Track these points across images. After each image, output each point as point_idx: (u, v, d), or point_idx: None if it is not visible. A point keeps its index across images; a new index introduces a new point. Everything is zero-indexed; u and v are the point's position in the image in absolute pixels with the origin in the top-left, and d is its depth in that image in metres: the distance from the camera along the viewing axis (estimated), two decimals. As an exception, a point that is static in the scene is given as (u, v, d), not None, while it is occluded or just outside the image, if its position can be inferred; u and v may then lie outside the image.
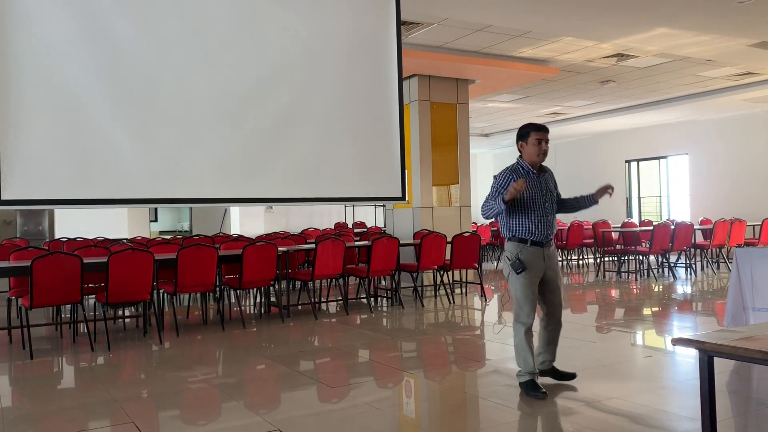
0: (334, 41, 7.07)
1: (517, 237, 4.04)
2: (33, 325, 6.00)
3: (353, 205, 16.53)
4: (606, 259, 11.76)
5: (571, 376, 4.23)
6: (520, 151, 4.15)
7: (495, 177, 4.14)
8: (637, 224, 13.51)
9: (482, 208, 4.15)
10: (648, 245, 10.26)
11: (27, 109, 5.61)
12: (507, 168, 4.13)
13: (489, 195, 4.09)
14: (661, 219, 15.87)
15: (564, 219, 14.90)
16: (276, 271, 6.94)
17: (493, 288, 9.61)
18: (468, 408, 3.98)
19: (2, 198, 5.50)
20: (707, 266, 11.49)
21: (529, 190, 4.02)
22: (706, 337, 2.35)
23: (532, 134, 4.06)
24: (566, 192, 4.36)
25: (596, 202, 4.25)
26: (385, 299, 8.46)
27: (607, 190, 4.20)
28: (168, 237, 11.49)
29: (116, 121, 5.97)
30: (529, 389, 3.97)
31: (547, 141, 4.11)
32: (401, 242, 7.89)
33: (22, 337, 5.73)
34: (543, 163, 4.20)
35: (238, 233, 11.78)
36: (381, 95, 7.37)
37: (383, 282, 9.11)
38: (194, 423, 3.82)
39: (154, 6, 6.18)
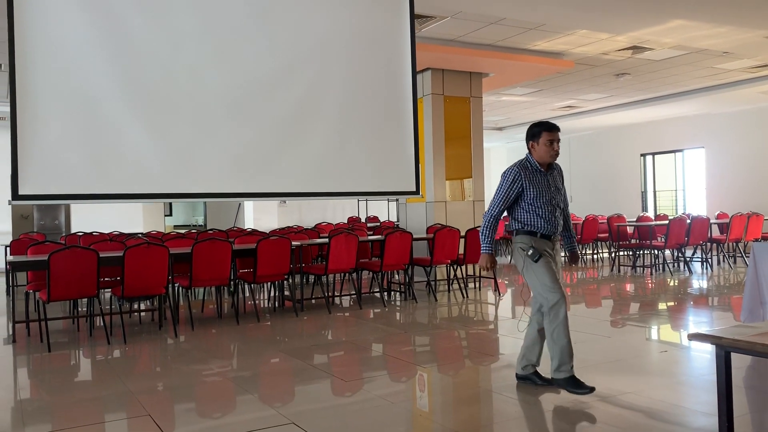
0: (347, 35, 7.06)
1: (527, 230, 3.98)
2: (50, 318, 6.08)
3: (366, 200, 16.53)
4: (621, 253, 11.68)
5: (551, 382, 3.98)
6: (530, 150, 4.04)
7: (503, 174, 4.00)
8: (653, 218, 13.40)
9: (485, 217, 4.04)
10: (663, 239, 10.18)
11: (42, 105, 5.66)
12: (516, 163, 4.02)
13: (497, 193, 3.98)
14: (676, 213, 15.72)
15: (578, 213, 14.82)
16: (290, 266, 6.96)
17: (506, 282, 9.58)
18: (481, 402, 3.97)
19: (19, 193, 5.57)
20: (723, 261, 11.38)
21: (536, 188, 3.94)
22: (722, 332, 2.34)
23: (544, 134, 3.94)
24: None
25: (569, 254, 4.35)
26: (398, 293, 8.46)
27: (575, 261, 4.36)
28: (183, 231, 11.55)
29: (131, 116, 6.02)
30: (573, 386, 3.79)
31: (558, 141, 4.01)
32: (414, 236, 7.88)
33: (39, 330, 5.80)
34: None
35: (252, 227, 11.82)
36: (394, 89, 7.36)
37: (396, 276, 9.12)
38: (209, 416, 3.85)
39: (167, 1, 6.20)
